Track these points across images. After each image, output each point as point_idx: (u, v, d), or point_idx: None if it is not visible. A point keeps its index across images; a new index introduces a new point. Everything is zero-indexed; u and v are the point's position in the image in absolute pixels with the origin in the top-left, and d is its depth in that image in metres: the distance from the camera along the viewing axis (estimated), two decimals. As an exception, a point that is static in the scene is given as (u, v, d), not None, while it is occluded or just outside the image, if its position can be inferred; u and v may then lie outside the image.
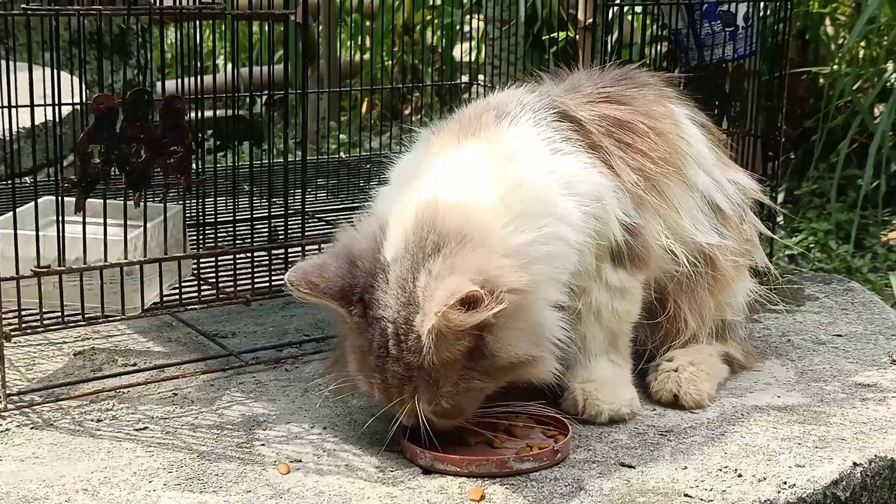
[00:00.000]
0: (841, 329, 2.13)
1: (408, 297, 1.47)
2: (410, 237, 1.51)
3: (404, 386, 1.49)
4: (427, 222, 1.51)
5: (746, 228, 1.87)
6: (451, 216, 1.52)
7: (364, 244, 1.55)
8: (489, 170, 1.60)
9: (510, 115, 1.69)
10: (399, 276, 1.49)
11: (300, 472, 1.53)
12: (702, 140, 1.83)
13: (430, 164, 1.64)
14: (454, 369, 1.48)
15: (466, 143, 1.65)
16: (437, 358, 1.46)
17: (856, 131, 3.89)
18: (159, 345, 2.01)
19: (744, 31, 2.25)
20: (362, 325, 1.51)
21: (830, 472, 1.55)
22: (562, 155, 1.65)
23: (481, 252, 1.49)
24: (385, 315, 1.48)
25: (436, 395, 1.48)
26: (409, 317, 1.47)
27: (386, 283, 1.50)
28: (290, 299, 2.21)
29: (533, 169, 1.62)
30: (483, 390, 1.54)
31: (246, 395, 1.79)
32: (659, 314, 1.79)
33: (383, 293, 1.49)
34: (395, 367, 1.48)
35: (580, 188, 1.63)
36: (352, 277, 1.51)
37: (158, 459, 1.56)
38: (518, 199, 1.57)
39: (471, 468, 1.52)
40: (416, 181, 1.62)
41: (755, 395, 1.81)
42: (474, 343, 1.48)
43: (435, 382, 1.48)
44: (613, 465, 1.56)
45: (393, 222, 1.56)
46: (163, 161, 1.71)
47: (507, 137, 1.65)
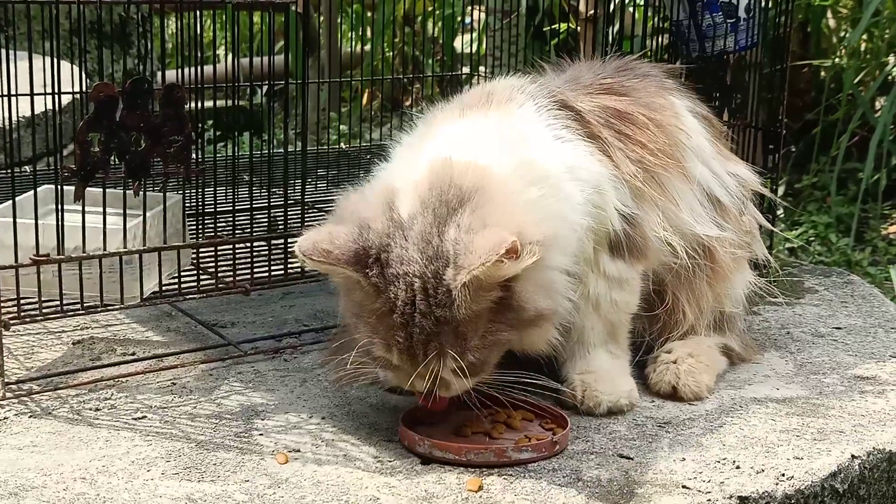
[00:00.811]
0: (840, 322, 2.13)
1: (435, 251, 1.45)
2: (427, 194, 1.49)
3: (431, 342, 1.46)
4: (444, 179, 1.50)
5: (746, 221, 1.87)
6: (469, 173, 1.51)
7: (374, 206, 1.52)
8: (498, 142, 1.60)
9: (513, 101, 1.69)
10: (422, 230, 1.46)
11: (298, 462, 1.53)
12: (701, 132, 1.83)
13: (435, 134, 1.64)
14: (482, 321, 1.47)
15: (473, 116, 1.66)
16: (468, 311, 1.44)
17: (857, 124, 3.88)
18: (158, 334, 2.01)
19: (745, 23, 2.24)
20: (380, 286, 1.47)
21: (829, 465, 1.54)
22: (563, 142, 1.66)
23: (507, 205, 1.49)
24: (409, 270, 1.45)
25: (464, 350, 1.46)
26: (438, 270, 1.44)
27: (405, 239, 1.47)
28: (290, 289, 2.22)
29: (538, 151, 1.62)
30: (506, 344, 1.53)
31: (245, 385, 1.79)
32: (657, 306, 1.79)
33: (404, 250, 1.46)
34: (423, 322, 1.45)
35: (581, 174, 1.63)
36: (364, 240, 1.48)
37: (156, 448, 1.56)
38: (527, 173, 1.57)
39: (469, 456, 1.52)
40: (421, 147, 1.62)
41: (754, 388, 1.81)
42: (503, 296, 1.47)
43: (463, 336, 1.46)
44: (612, 456, 1.56)
45: (402, 184, 1.54)
46: (162, 150, 1.70)
47: (514, 117, 1.66)
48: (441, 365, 1.46)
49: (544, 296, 1.52)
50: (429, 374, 1.47)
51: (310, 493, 1.44)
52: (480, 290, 1.45)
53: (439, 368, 1.47)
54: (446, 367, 1.47)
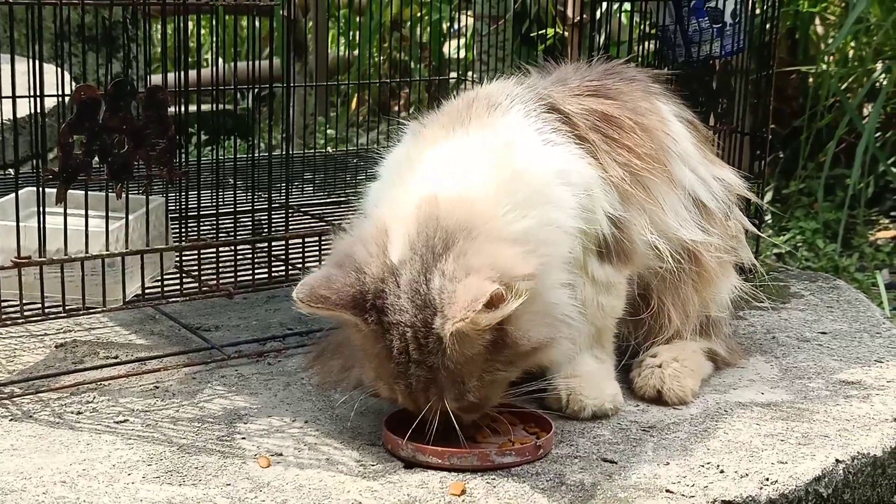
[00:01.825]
0: (826, 327, 2.13)
1: (423, 300, 1.45)
2: (415, 237, 1.49)
3: (430, 388, 1.47)
4: (430, 220, 1.50)
5: (731, 225, 1.87)
6: (454, 211, 1.51)
7: (367, 249, 1.51)
8: (485, 159, 1.59)
9: (501, 106, 1.68)
10: (411, 279, 1.46)
11: (280, 466, 1.52)
12: (687, 137, 1.83)
13: (422, 157, 1.63)
14: (477, 364, 1.47)
15: (458, 133, 1.65)
16: (460, 357, 1.45)
17: (844, 131, 3.89)
18: (142, 338, 2.00)
19: (731, 28, 2.24)
20: (378, 332, 1.48)
21: (813, 469, 1.54)
22: (553, 146, 1.65)
23: (491, 245, 1.48)
24: (402, 320, 1.46)
25: (462, 392, 1.47)
26: (426, 320, 1.44)
27: (397, 286, 1.47)
28: (274, 293, 2.20)
29: (527, 158, 1.61)
30: (506, 379, 1.53)
31: (228, 389, 1.78)
32: (643, 311, 1.78)
33: (396, 297, 1.46)
34: (418, 371, 1.46)
35: (571, 178, 1.63)
36: (360, 285, 1.48)
37: (138, 452, 1.55)
38: (516, 188, 1.57)
39: (452, 461, 1.51)
40: (409, 175, 1.61)
41: (739, 392, 1.81)
42: (495, 336, 1.47)
43: (460, 380, 1.46)
44: (595, 460, 1.56)
45: (393, 223, 1.53)
46: (145, 152, 1.70)
47: (500, 127, 1.65)
48: (444, 405, 1.47)
49: (543, 324, 1.51)
50: (433, 416, 1.49)
51: (292, 497, 1.43)
52: (470, 337, 1.45)
53: (443, 408, 1.48)
54: (449, 409, 1.48)
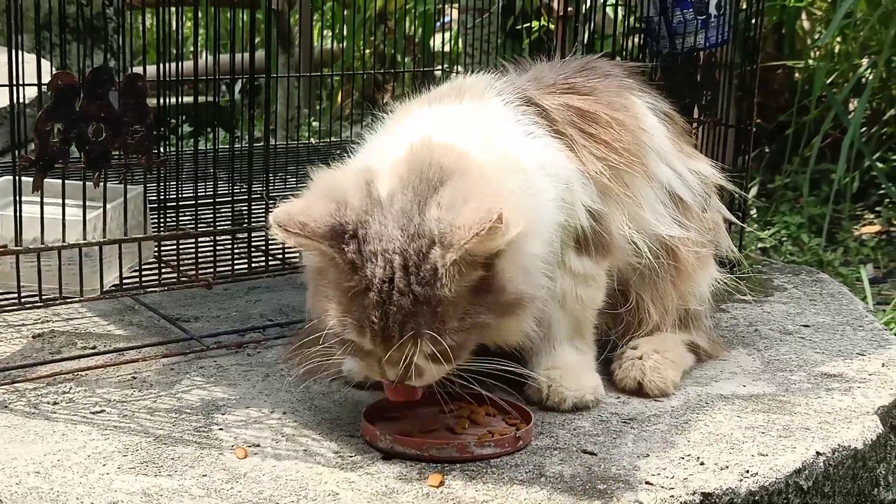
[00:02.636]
0: (808, 319, 2.12)
1: (416, 228, 1.41)
2: (406, 172, 1.46)
3: (407, 322, 1.41)
4: (424, 158, 1.47)
5: (709, 218, 1.87)
6: (449, 153, 1.49)
7: (351, 183, 1.48)
8: (475, 130, 1.58)
9: (483, 97, 1.68)
10: (402, 208, 1.43)
11: (257, 457, 1.51)
12: (662, 131, 1.82)
13: (411, 117, 1.62)
14: (462, 304, 1.43)
15: (447, 102, 1.64)
16: (450, 290, 1.41)
17: (829, 126, 3.89)
18: (120, 328, 1.98)
19: (716, 20, 2.23)
20: (356, 263, 1.42)
21: (793, 461, 1.53)
22: (533, 138, 1.65)
23: (488, 186, 1.46)
24: (389, 247, 1.41)
25: (442, 330, 1.41)
26: (421, 249, 1.41)
27: (384, 216, 1.43)
28: (255, 284, 2.19)
29: (513, 145, 1.61)
30: (484, 329, 1.48)
31: (206, 380, 1.76)
32: (621, 306, 1.78)
33: (383, 227, 1.42)
34: (401, 300, 1.40)
35: (551, 170, 1.63)
36: (341, 215, 1.44)
37: (114, 443, 1.54)
38: (504, 163, 1.55)
39: (431, 451, 1.50)
40: (397, 130, 1.60)
41: (720, 384, 1.80)
42: (483, 277, 1.44)
43: (441, 317, 1.41)
44: (575, 451, 1.55)
45: (381, 163, 1.51)
46: (123, 141, 1.68)
47: (485, 110, 1.64)
48: (417, 347, 1.41)
49: (524, 279, 1.49)
50: (403, 358, 1.43)
51: (268, 488, 1.42)
52: (466, 268, 1.41)
53: (415, 351, 1.42)
54: (421, 352, 1.42)
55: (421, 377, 1.47)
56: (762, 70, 4.29)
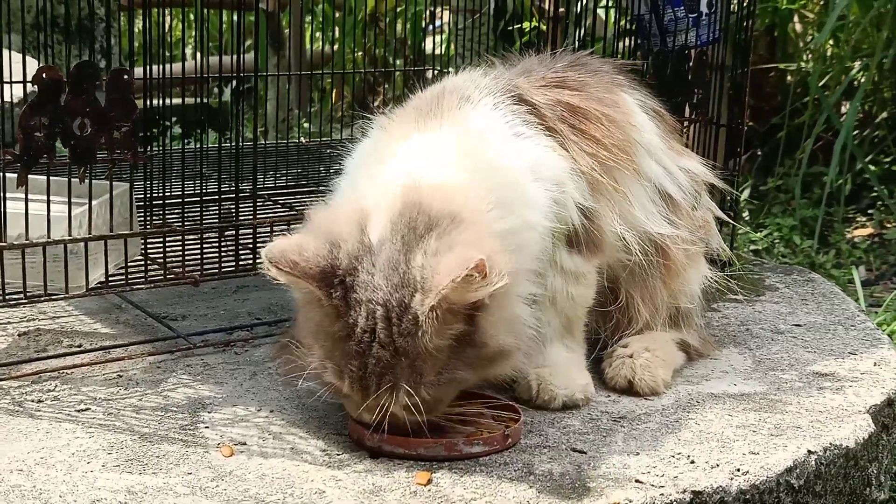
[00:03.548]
0: (800, 319, 2.11)
1: (401, 278, 1.41)
2: (397, 219, 1.45)
3: (385, 374, 1.41)
4: (413, 204, 1.46)
5: (699, 216, 1.85)
6: (438, 197, 1.48)
7: (345, 226, 1.47)
8: (461, 153, 1.57)
9: (470, 99, 1.66)
10: (390, 257, 1.42)
11: (244, 455, 1.49)
12: (652, 128, 1.81)
13: (394, 148, 1.60)
14: (441, 358, 1.43)
15: (430, 126, 1.62)
16: (430, 342, 1.40)
17: (822, 128, 3.88)
18: (107, 326, 1.96)
19: (707, 18, 2.22)
20: (341, 310, 1.42)
21: (784, 460, 1.52)
22: (524, 138, 1.64)
23: (476, 230, 1.45)
24: (373, 297, 1.41)
25: (418, 384, 1.41)
26: (403, 298, 1.40)
27: (373, 265, 1.42)
28: (244, 282, 2.18)
29: (501, 153, 1.59)
30: (461, 384, 1.48)
31: (193, 378, 1.75)
32: (611, 304, 1.76)
33: (370, 276, 1.42)
34: (380, 353, 1.40)
35: (543, 172, 1.61)
36: (333, 258, 1.43)
37: (98, 440, 1.52)
38: (494, 185, 1.54)
39: (419, 450, 1.49)
40: (383, 167, 1.58)
41: (711, 383, 1.79)
42: (464, 329, 1.43)
43: (419, 371, 1.41)
44: (565, 450, 1.53)
45: (373, 206, 1.50)
46: (108, 136, 1.66)
47: (471, 120, 1.62)
48: (393, 400, 1.41)
49: (508, 331, 1.48)
50: (379, 408, 1.42)
51: (254, 486, 1.40)
52: (446, 319, 1.41)
53: (391, 403, 1.42)
54: (398, 403, 1.42)
55: (396, 425, 1.46)
56: (755, 73, 4.29)
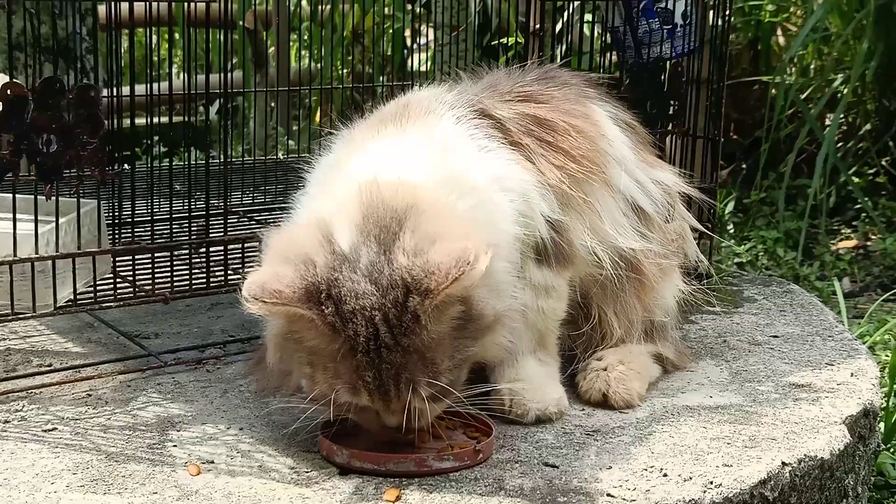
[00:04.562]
0: (778, 330, 2.10)
1: (389, 280, 1.39)
2: (361, 222, 1.43)
3: (401, 374, 1.39)
4: (375, 203, 1.44)
5: (672, 228, 1.84)
6: (399, 191, 1.46)
7: (310, 240, 1.44)
8: (422, 156, 1.56)
9: (433, 112, 1.65)
10: (370, 261, 1.40)
11: (211, 474, 1.47)
12: (623, 140, 1.80)
13: (353, 156, 1.59)
14: (448, 342, 1.42)
15: (391, 132, 1.61)
16: (435, 333, 1.39)
17: (805, 141, 3.88)
18: (78, 345, 1.94)
19: (682, 29, 2.22)
20: (337, 325, 1.39)
21: (758, 472, 1.51)
22: (487, 152, 1.62)
23: (444, 217, 1.44)
24: (367, 304, 1.38)
25: (437, 373, 1.40)
26: (398, 300, 1.38)
27: (354, 272, 1.40)
28: (218, 300, 2.16)
29: (464, 163, 1.58)
30: (472, 359, 1.48)
31: (163, 396, 1.73)
32: (583, 320, 1.75)
33: (356, 284, 1.39)
34: (390, 357, 1.38)
35: (507, 184, 1.60)
36: (312, 276, 1.40)
37: (64, 461, 1.50)
38: (455, 186, 1.53)
39: (389, 466, 1.47)
40: (342, 172, 1.57)
41: (687, 395, 1.77)
42: (463, 309, 1.43)
43: (433, 361, 1.40)
44: (537, 464, 1.51)
45: (333, 212, 1.47)
46: (76, 152, 1.65)
47: (435, 130, 1.62)
48: (416, 396, 1.40)
49: (497, 298, 1.49)
50: (405, 409, 1.40)
51: (219, 505, 1.38)
52: (445, 309, 1.41)
53: (414, 400, 1.40)
54: (421, 398, 1.41)
55: (423, 418, 1.44)
56: (739, 86, 4.31)
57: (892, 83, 4.06)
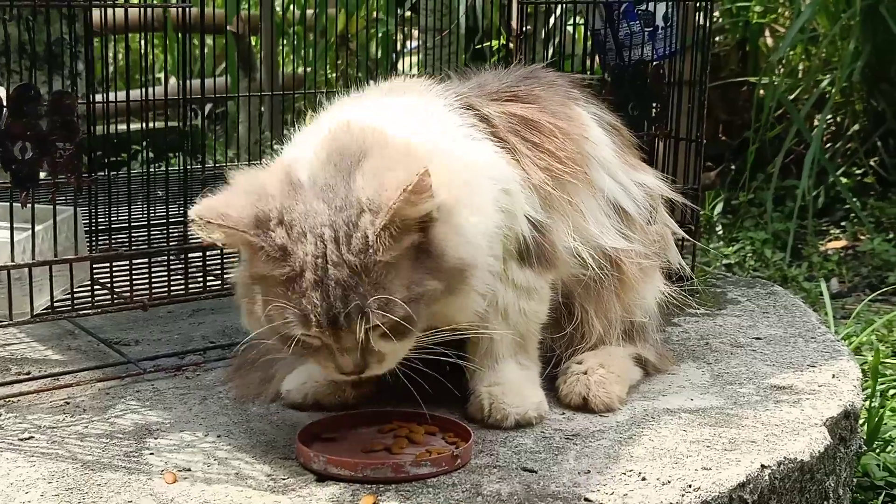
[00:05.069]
0: (761, 332, 2.09)
1: (344, 200, 1.38)
2: (325, 155, 1.43)
3: (349, 296, 1.35)
4: (344, 138, 1.44)
5: (654, 230, 1.83)
6: (370, 132, 1.46)
7: (270, 174, 1.45)
8: (406, 115, 1.55)
9: (422, 95, 1.65)
10: (326, 183, 1.39)
11: (187, 482, 1.46)
12: (607, 142, 1.79)
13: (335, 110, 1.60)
14: (403, 272, 1.39)
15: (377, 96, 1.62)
16: (386, 256, 1.37)
17: (793, 142, 3.88)
18: (58, 353, 1.93)
19: (663, 32, 2.22)
20: (286, 248, 1.38)
21: (737, 475, 1.50)
22: (472, 140, 1.61)
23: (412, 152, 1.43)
24: (316, 222, 1.37)
25: (389, 303, 1.36)
26: (350, 218, 1.37)
27: (307, 196, 1.39)
28: (200, 306, 2.15)
29: (452, 143, 1.57)
30: (433, 298, 1.42)
31: (141, 404, 1.72)
32: (565, 319, 1.74)
33: (307, 205, 1.38)
34: (337, 274, 1.35)
35: (493, 173, 1.59)
36: (264, 204, 1.40)
37: (39, 469, 1.49)
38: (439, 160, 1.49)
39: (366, 472, 1.46)
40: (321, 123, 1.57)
41: (668, 398, 1.77)
42: (420, 243, 1.40)
43: (384, 287, 1.36)
44: (515, 469, 1.51)
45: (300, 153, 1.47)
46: (51, 159, 1.64)
47: (423, 105, 1.61)
48: (366, 323, 1.36)
49: (465, 246, 1.45)
50: (356, 340, 1.37)
51: (194, 513, 1.38)
52: (398, 233, 1.37)
53: (365, 327, 1.36)
54: (373, 330, 1.37)
55: (381, 363, 1.42)
56: (727, 87, 4.31)
57: (879, 83, 4.06)
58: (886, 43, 3.90)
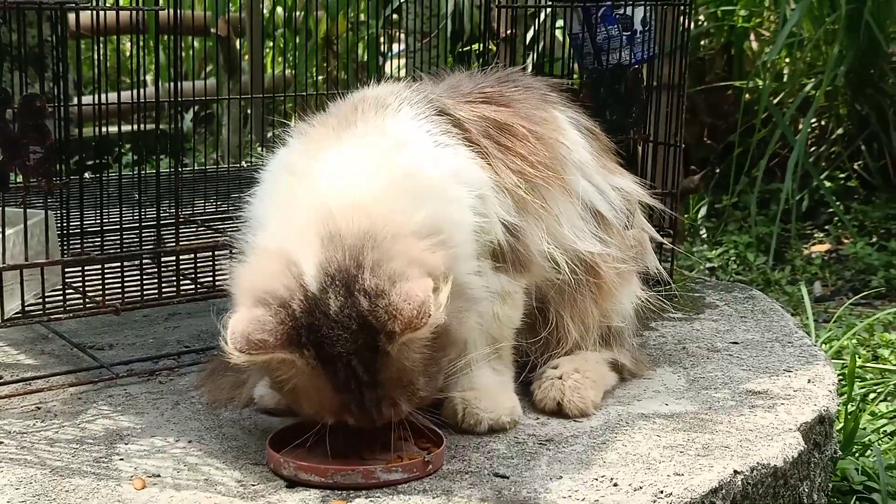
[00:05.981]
0: (738, 336, 2.09)
1: (358, 325, 1.41)
2: (325, 261, 1.44)
3: (382, 402, 1.45)
4: (334, 239, 1.45)
5: (631, 235, 1.83)
6: (353, 221, 1.46)
7: (279, 279, 1.45)
8: (374, 162, 1.54)
9: (390, 107, 1.63)
10: (338, 306, 1.42)
11: (156, 488, 1.45)
12: (584, 146, 1.79)
13: (310, 164, 1.58)
14: (422, 361, 1.46)
15: (347, 135, 1.60)
16: (407, 361, 1.44)
17: (777, 145, 3.88)
18: (31, 357, 1.92)
19: (641, 35, 2.21)
20: (318, 366, 1.43)
21: (709, 481, 1.49)
22: (444, 147, 1.61)
23: (399, 244, 1.45)
24: (343, 350, 1.42)
25: (414, 393, 1.47)
26: (368, 342, 1.41)
27: (327, 317, 1.42)
28: (175, 310, 2.14)
29: (419, 159, 1.57)
30: (447, 365, 1.52)
31: (113, 409, 1.71)
32: (540, 325, 1.73)
33: (329, 329, 1.42)
34: (370, 393, 1.44)
35: (465, 178, 1.59)
36: (292, 320, 1.42)
37: (7, 476, 1.48)
38: (408, 186, 1.52)
39: (336, 478, 1.45)
40: (297, 189, 1.55)
41: (643, 403, 1.76)
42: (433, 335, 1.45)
43: (410, 382, 1.46)
44: (487, 475, 1.50)
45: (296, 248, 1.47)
46: (22, 163, 1.63)
47: (389, 128, 1.60)
48: (400, 414, 1.47)
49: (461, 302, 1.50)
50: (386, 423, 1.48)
51: (161, 520, 1.37)
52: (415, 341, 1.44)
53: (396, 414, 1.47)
54: (401, 413, 1.47)
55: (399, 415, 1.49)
56: (712, 91, 4.31)
57: (863, 87, 4.07)
58: (870, 47, 3.91)
